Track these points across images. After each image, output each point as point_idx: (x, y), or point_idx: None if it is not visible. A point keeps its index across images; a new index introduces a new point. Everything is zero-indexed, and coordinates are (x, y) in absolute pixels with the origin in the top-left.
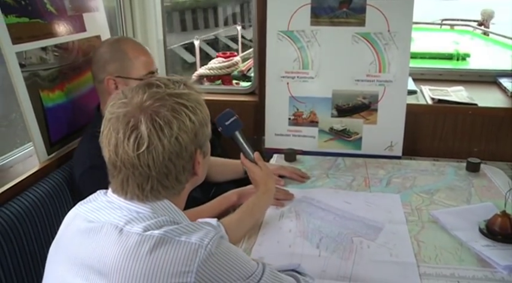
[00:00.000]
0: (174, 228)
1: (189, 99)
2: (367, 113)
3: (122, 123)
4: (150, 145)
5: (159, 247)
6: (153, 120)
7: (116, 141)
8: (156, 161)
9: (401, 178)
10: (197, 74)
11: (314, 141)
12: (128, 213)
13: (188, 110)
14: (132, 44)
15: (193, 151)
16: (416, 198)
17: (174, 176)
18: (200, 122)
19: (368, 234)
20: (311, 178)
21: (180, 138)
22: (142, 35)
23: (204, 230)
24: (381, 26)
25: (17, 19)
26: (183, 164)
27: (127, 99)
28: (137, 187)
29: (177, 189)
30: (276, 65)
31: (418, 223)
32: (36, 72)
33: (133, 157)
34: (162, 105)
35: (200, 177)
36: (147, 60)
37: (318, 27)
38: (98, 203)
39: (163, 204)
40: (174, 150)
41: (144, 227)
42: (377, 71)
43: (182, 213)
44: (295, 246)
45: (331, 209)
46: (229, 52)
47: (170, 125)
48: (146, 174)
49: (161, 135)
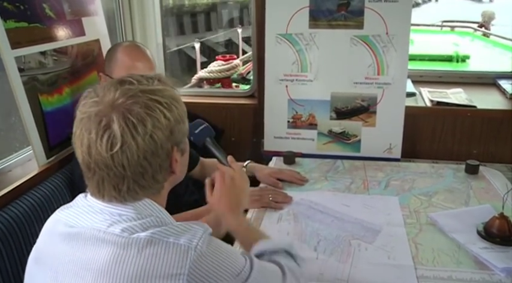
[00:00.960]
0: (162, 229)
1: (164, 95)
2: (366, 116)
3: (93, 122)
4: (123, 145)
5: (147, 249)
6: (126, 118)
7: (89, 141)
8: (130, 161)
9: (400, 181)
10: (197, 77)
11: (313, 144)
12: (109, 216)
13: (162, 106)
14: (129, 47)
15: (170, 149)
16: (415, 200)
17: (150, 175)
18: (176, 118)
19: (366, 237)
20: (310, 181)
21: (155, 135)
22: (142, 38)
23: (192, 230)
24: (379, 28)
25: (15, 24)
26: (160, 163)
27: (98, 98)
28: (113, 188)
29: (155, 188)
30: (274, 68)
31: (416, 225)
32: (35, 76)
33: (106, 158)
34: (135, 102)
35: (178, 175)
36: (132, 64)
37: (316, 30)
38: (79, 208)
39: (145, 203)
40: (149, 148)
41: (130, 230)
42: (375, 73)
43: (165, 211)
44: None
45: (329, 212)
46: (228, 55)
47: (144, 123)
48: (121, 174)
49: (135, 134)
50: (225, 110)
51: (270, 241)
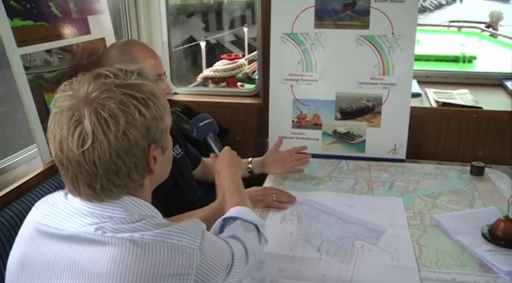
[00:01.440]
0: (165, 230)
1: (141, 90)
2: (371, 116)
3: (65, 117)
4: (95, 142)
5: (153, 251)
6: (98, 114)
7: (60, 137)
8: (102, 158)
9: (405, 182)
10: (202, 76)
11: (317, 144)
12: (100, 220)
13: (138, 102)
14: (141, 46)
15: (146, 147)
16: (419, 201)
17: (125, 174)
18: (153, 115)
19: (369, 238)
20: (314, 181)
21: (129, 133)
22: (147, 37)
23: (192, 230)
24: (385, 28)
25: (22, 22)
26: (135, 161)
27: (72, 92)
28: (87, 186)
29: (131, 187)
30: (279, 68)
31: (420, 227)
32: (41, 74)
33: (78, 155)
34: (108, 97)
35: (159, 173)
36: (154, 63)
37: (321, 29)
38: (63, 210)
39: (131, 201)
40: (123, 146)
41: (130, 232)
42: (381, 73)
43: (153, 207)
44: (296, 249)
45: (333, 212)
46: (234, 54)
47: (116, 119)
48: (93, 172)
49: (107, 130)
50: (230, 109)
51: (246, 213)
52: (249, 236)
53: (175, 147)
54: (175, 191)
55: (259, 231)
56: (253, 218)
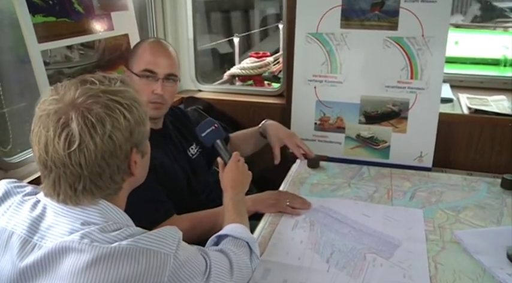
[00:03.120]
0: (141, 237)
1: (125, 96)
2: (397, 121)
3: (52, 120)
4: (81, 144)
5: (128, 258)
6: (85, 117)
7: (46, 139)
8: (88, 160)
9: (427, 192)
10: (229, 74)
11: (340, 148)
12: (72, 225)
13: (123, 107)
14: (152, 42)
15: (129, 150)
16: (441, 214)
17: (108, 176)
18: (136, 120)
19: (382, 251)
20: (332, 187)
21: (114, 136)
22: (173, 34)
23: (168, 237)
24: (415, 30)
25: (43, 18)
26: (118, 163)
27: (59, 96)
28: (69, 187)
29: (111, 189)
30: (303, 68)
31: (439, 243)
32: (61, 70)
33: (64, 156)
34: (95, 102)
35: (138, 177)
36: (151, 58)
37: (348, 30)
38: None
39: (107, 208)
40: (108, 148)
41: (106, 239)
42: (409, 77)
43: (127, 215)
44: (304, 258)
45: (347, 221)
46: (262, 52)
47: (103, 123)
48: (78, 173)
49: (93, 133)
50: (253, 109)
51: (238, 230)
52: (238, 252)
53: (191, 147)
54: (189, 191)
55: (251, 248)
56: (245, 235)
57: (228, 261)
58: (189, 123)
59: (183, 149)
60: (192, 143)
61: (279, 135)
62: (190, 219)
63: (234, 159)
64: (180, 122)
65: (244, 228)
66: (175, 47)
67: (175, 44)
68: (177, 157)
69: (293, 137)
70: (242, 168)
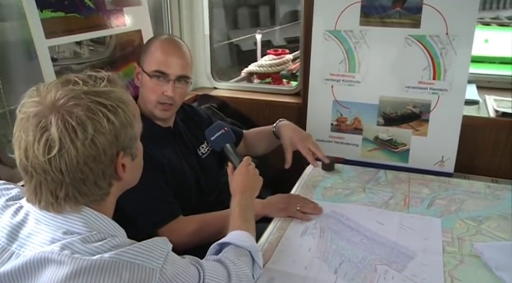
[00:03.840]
0: (126, 249)
1: (109, 97)
2: (417, 123)
3: (31, 124)
4: (61, 149)
5: (111, 271)
6: (65, 121)
7: (26, 144)
8: (69, 166)
9: (447, 200)
10: (246, 71)
11: (357, 150)
12: (59, 236)
13: (107, 109)
14: (165, 41)
15: (115, 154)
16: (461, 225)
17: (92, 182)
18: (122, 122)
19: (395, 263)
20: (346, 192)
21: (97, 140)
22: (188, 30)
23: (155, 250)
24: (439, 28)
25: (52, 14)
26: (103, 169)
27: (39, 98)
28: (50, 194)
29: (97, 195)
30: (320, 67)
31: (457, 255)
32: (69, 66)
33: (43, 162)
34: (76, 104)
35: (127, 180)
36: (163, 58)
37: (367, 27)
38: (15, 220)
39: (91, 215)
40: (90, 153)
41: (89, 251)
42: (431, 77)
43: (115, 223)
44: (311, 268)
45: (360, 229)
46: (280, 49)
47: (84, 126)
48: (59, 180)
49: (74, 138)
50: (268, 107)
51: (241, 238)
52: (239, 262)
53: (202, 146)
54: (197, 191)
55: (253, 257)
56: (247, 244)
57: (226, 271)
58: (200, 121)
59: (193, 148)
60: (202, 142)
61: (292, 138)
62: (197, 221)
63: (245, 162)
64: (191, 120)
65: (248, 236)
66: (190, 43)
67: (191, 40)
68: (186, 156)
69: (307, 140)
70: (253, 172)
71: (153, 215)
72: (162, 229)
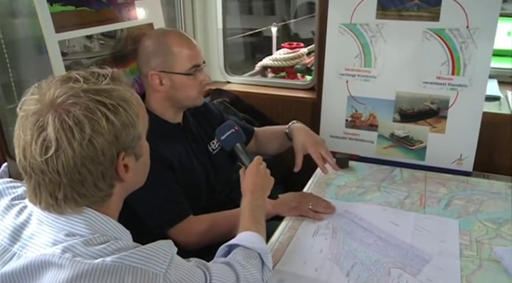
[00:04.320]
0: (129, 253)
1: (111, 96)
2: (435, 120)
3: (30, 122)
4: (58, 149)
5: (113, 275)
6: (62, 121)
7: (24, 143)
8: (66, 167)
9: (465, 201)
10: (260, 65)
11: (372, 147)
12: (62, 238)
13: (106, 108)
14: (177, 36)
15: (115, 155)
16: (480, 227)
17: (91, 183)
18: (123, 122)
19: (410, 266)
20: (360, 190)
21: (95, 141)
22: (202, 23)
23: (159, 254)
24: (459, 21)
25: (62, 7)
26: (102, 170)
27: (39, 95)
28: (49, 195)
29: (98, 196)
30: (335, 61)
31: (475, 260)
32: (79, 60)
33: (41, 163)
34: (74, 103)
35: (132, 181)
36: (191, 53)
37: (384, 20)
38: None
39: (94, 217)
40: (88, 154)
41: (91, 254)
42: (450, 73)
43: (119, 225)
44: (322, 270)
45: (373, 230)
46: (295, 43)
47: (81, 126)
48: (57, 181)
49: (71, 138)
50: (282, 103)
51: (251, 239)
52: (248, 264)
53: (212, 141)
54: (207, 188)
55: (263, 260)
56: (257, 246)
57: (234, 274)
58: (211, 117)
59: (204, 144)
60: (213, 138)
61: (304, 142)
62: (208, 220)
63: (256, 162)
64: (201, 115)
65: (258, 237)
66: (203, 37)
67: (204, 34)
68: (196, 152)
69: (319, 146)
70: (263, 171)
71: (162, 215)
72: (172, 230)
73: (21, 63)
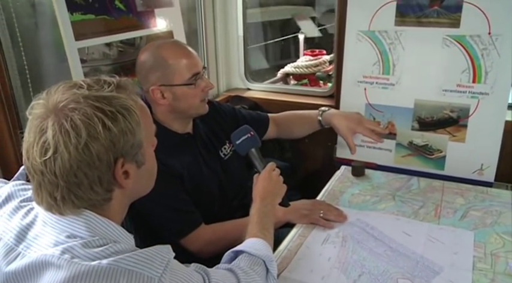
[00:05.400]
0: (125, 256)
1: (111, 103)
2: (455, 129)
3: (34, 125)
4: (56, 152)
5: (108, 278)
6: (61, 125)
7: (27, 145)
8: (62, 170)
9: (483, 212)
10: (282, 72)
11: (390, 155)
12: (63, 239)
13: (104, 115)
14: (172, 48)
15: (112, 161)
16: (496, 239)
17: (87, 187)
18: (121, 129)
19: (419, 278)
20: (374, 199)
21: (91, 146)
22: (222, 30)
23: (156, 258)
24: (480, 27)
25: (82, 16)
26: (98, 174)
27: (45, 100)
28: (49, 195)
29: (95, 200)
30: (353, 68)
31: (489, 273)
32: (98, 67)
33: (40, 164)
34: (74, 108)
35: (135, 188)
36: (188, 62)
37: (403, 27)
38: (24, 221)
39: (95, 220)
40: (83, 158)
41: (89, 256)
42: (470, 80)
43: (121, 229)
44: (329, 279)
45: (384, 239)
46: (318, 50)
47: (77, 131)
48: (54, 182)
49: (67, 142)
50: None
51: (257, 246)
52: (251, 271)
53: (224, 146)
54: (220, 195)
55: (267, 267)
56: (262, 253)
57: (236, 280)
58: (221, 118)
59: (215, 150)
60: (224, 142)
61: (348, 126)
62: (219, 229)
63: (269, 168)
64: (212, 119)
65: (264, 244)
66: (224, 44)
67: (224, 41)
68: (207, 160)
69: (363, 121)
70: (276, 178)
71: (172, 226)
72: (184, 239)
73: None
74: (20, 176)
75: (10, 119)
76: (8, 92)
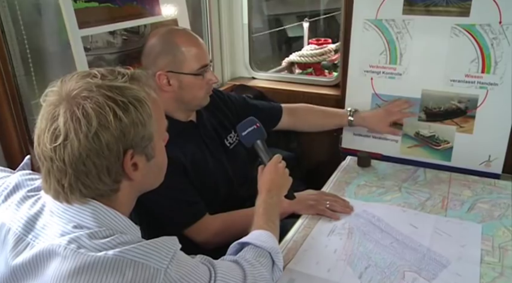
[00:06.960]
0: (131, 247)
1: (123, 94)
2: (462, 120)
3: (46, 112)
4: (66, 139)
5: (115, 269)
6: (72, 113)
7: (39, 131)
8: (71, 157)
9: (490, 204)
10: (287, 61)
11: (396, 146)
12: (69, 229)
13: (116, 104)
14: (185, 35)
15: (121, 151)
16: (504, 233)
17: (95, 176)
18: (132, 120)
19: (426, 271)
20: (380, 190)
21: (101, 135)
22: (227, 18)
23: (162, 249)
24: (491, 16)
25: (85, 4)
26: (107, 164)
27: (59, 88)
28: (57, 182)
29: (103, 190)
30: (360, 58)
31: (497, 267)
32: (102, 56)
33: (50, 150)
34: (86, 96)
35: (143, 181)
36: (199, 52)
37: (411, 16)
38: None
39: (102, 210)
40: (93, 147)
41: (96, 247)
42: (479, 71)
43: (128, 220)
44: (335, 271)
45: (391, 231)
46: (323, 39)
47: (88, 119)
48: (63, 169)
49: (78, 130)
50: (306, 99)
51: (262, 238)
52: (257, 263)
53: (229, 135)
54: (226, 184)
55: (273, 259)
56: (268, 245)
57: (242, 272)
58: (226, 108)
59: (219, 139)
60: (230, 131)
61: (385, 120)
62: (223, 220)
63: (275, 160)
64: (217, 108)
65: (270, 236)
66: (229, 32)
67: (229, 30)
68: (211, 149)
69: (392, 107)
70: (281, 170)
71: (176, 217)
72: (188, 230)
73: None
74: (25, 166)
75: (14, 108)
76: (12, 81)
